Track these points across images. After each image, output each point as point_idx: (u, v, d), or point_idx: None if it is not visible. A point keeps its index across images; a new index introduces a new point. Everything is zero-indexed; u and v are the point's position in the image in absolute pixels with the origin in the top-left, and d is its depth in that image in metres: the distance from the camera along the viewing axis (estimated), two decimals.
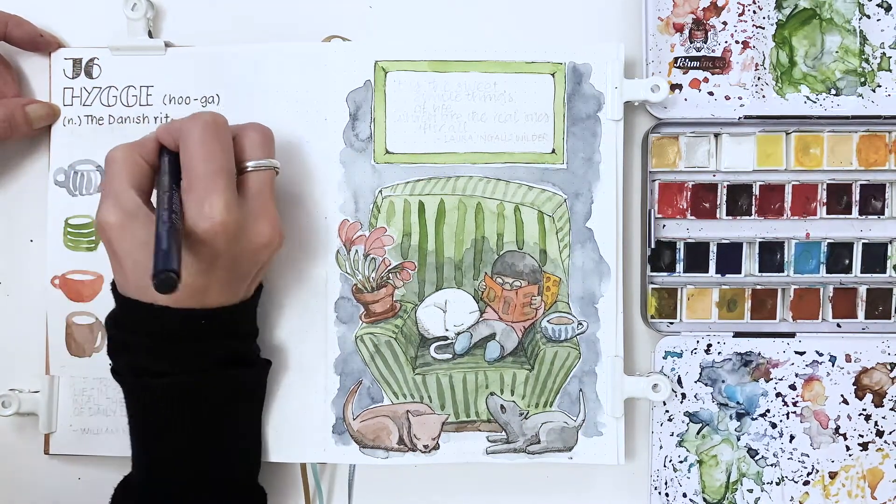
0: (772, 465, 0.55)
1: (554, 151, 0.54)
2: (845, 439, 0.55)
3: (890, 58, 0.55)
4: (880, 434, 0.55)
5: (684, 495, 0.55)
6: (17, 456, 0.56)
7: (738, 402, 0.55)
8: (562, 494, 0.56)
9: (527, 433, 0.53)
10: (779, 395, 0.55)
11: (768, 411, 0.55)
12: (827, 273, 0.55)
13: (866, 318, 0.55)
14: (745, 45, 0.55)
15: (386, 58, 0.53)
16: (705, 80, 0.55)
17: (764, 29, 0.55)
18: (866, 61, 0.55)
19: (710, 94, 0.55)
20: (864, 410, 0.55)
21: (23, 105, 0.52)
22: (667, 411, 0.55)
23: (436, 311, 0.53)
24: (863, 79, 0.55)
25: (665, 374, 0.54)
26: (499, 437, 0.53)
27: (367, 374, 0.53)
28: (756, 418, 0.55)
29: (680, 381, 0.55)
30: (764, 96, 0.55)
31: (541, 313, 0.54)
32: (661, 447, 0.55)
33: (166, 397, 0.46)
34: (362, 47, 0.54)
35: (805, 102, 0.55)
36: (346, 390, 0.53)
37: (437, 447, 0.53)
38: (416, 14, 0.56)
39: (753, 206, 0.54)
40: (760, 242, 0.55)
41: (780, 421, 0.55)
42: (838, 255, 0.55)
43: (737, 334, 0.55)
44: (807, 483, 0.55)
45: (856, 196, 0.54)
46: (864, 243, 0.54)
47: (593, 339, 0.53)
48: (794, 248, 0.55)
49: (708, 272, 0.55)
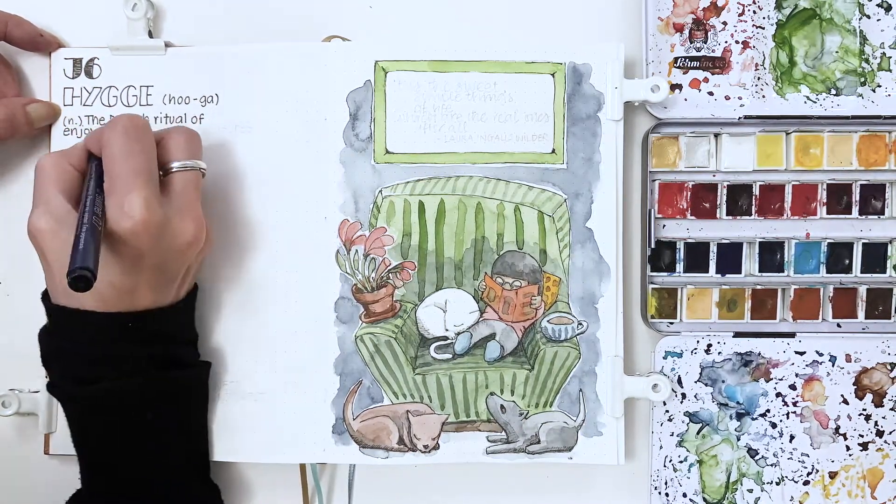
0: (772, 465, 0.55)
1: (554, 151, 0.54)
2: (845, 439, 0.55)
3: (890, 58, 0.55)
4: (880, 434, 0.55)
5: (684, 495, 0.55)
6: (17, 456, 0.56)
7: (738, 402, 0.55)
8: (562, 494, 0.56)
9: (527, 433, 0.53)
10: (779, 395, 0.55)
11: (768, 411, 0.55)
12: (827, 273, 0.55)
13: (866, 318, 0.55)
14: (745, 45, 0.55)
15: (386, 58, 0.53)
16: (705, 80, 0.55)
17: (764, 29, 0.55)
18: (866, 61, 0.55)
19: (710, 94, 0.55)
20: (864, 410, 0.55)
21: (23, 105, 0.52)
22: (667, 411, 0.55)
23: (436, 311, 0.53)
24: (863, 79, 0.55)
25: (665, 375, 0.54)
26: (499, 437, 0.53)
27: (367, 374, 0.53)
28: (756, 418, 0.55)
29: (680, 381, 0.55)
30: (764, 96, 0.55)
31: (541, 313, 0.54)
32: (661, 447, 0.55)
33: (101, 404, 0.47)
34: (362, 47, 0.54)
35: (805, 102, 0.55)
36: (345, 390, 0.53)
37: (437, 447, 0.53)
38: (416, 14, 0.56)
39: (753, 206, 0.54)
40: (760, 242, 0.55)
41: (781, 421, 0.55)
42: (838, 255, 0.55)
43: (737, 334, 0.55)
44: (807, 483, 0.55)
45: (856, 196, 0.54)
46: (864, 243, 0.54)
47: (593, 339, 0.53)
48: (795, 248, 0.55)
49: (708, 272, 0.55)
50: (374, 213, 0.53)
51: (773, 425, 0.55)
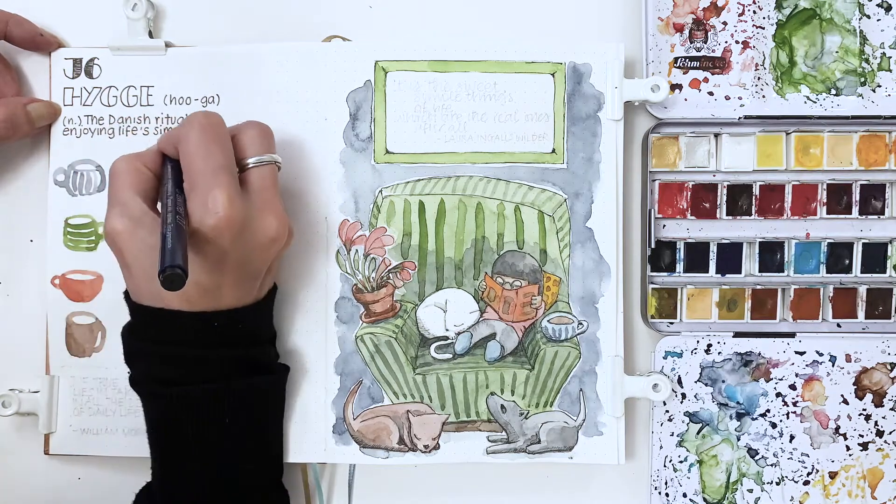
0: (772, 465, 0.55)
1: (554, 151, 0.54)
2: (845, 439, 0.55)
3: (890, 58, 0.55)
4: (880, 434, 0.55)
5: (684, 495, 0.55)
6: (17, 456, 0.56)
7: (738, 402, 0.55)
8: (562, 494, 0.56)
9: (527, 433, 0.53)
10: (779, 395, 0.55)
11: (768, 411, 0.55)
12: (827, 273, 0.55)
13: (866, 318, 0.55)
14: (745, 45, 0.55)
15: (386, 58, 0.53)
16: (705, 80, 0.55)
17: (764, 29, 0.55)
18: (866, 61, 0.55)
19: (710, 94, 0.55)
20: (865, 410, 0.55)
21: (24, 104, 0.52)
22: (667, 411, 0.55)
23: (436, 310, 0.53)
24: (863, 79, 0.55)
25: (665, 375, 0.54)
26: (499, 436, 0.53)
27: (368, 373, 0.53)
28: (756, 418, 0.55)
29: (680, 381, 0.55)
30: (764, 96, 0.55)
31: (541, 313, 0.54)
32: (662, 447, 0.55)
33: (182, 405, 0.46)
34: (362, 47, 0.54)
35: (805, 102, 0.55)
36: (346, 390, 0.53)
37: (437, 447, 0.53)
38: (416, 14, 0.56)
39: (753, 206, 0.54)
40: (760, 242, 0.55)
41: (781, 421, 0.55)
42: (838, 255, 0.55)
43: (737, 334, 0.55)
44: (807, 483, 0.55)
45: (856, 196, 0.54)
46: (864, 243, 0.54)
47: (593, 338, 0.53)
48: (794, 248, 0.55)
49: (708, 272, 0.55)
50: (375, 213, 0.53)
51: (774, 425, 0.55)
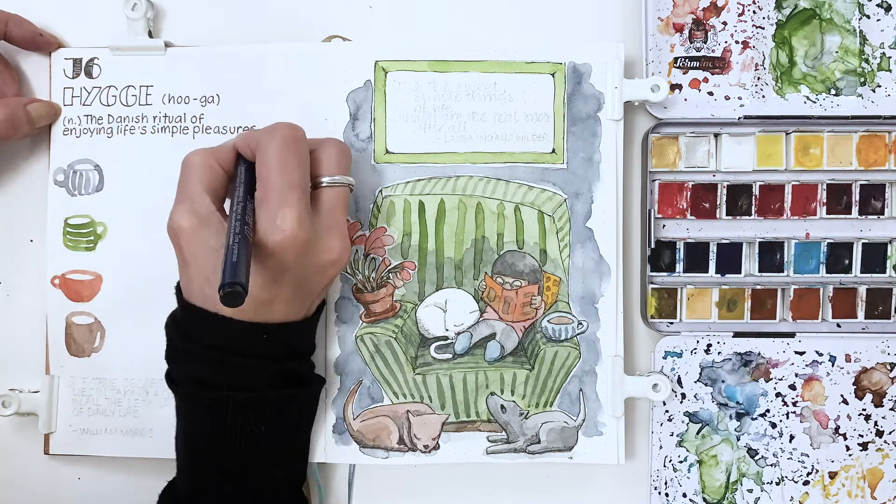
0: (772, 465, 0.55)
1: (554, 151, 0.54)
2: (845, 439, 0.55)
3: (890, 58, 0.55)
4: (880, 434, 0.55)
5: (684, 495, 0.55)
6: (17, 456, 0.56)
7: (737, 402, 0.55)
8: (562, 494, 0.56)
9: (527, 433, 0.53)
10: (778, 395, 0.55)
11: (768, 411, 0.55)
12: (827, 273, 0.55)
13: (866, 318, 0.55)
14: (745, 45, 0.55)
15: (386, 58, 0.53)
16: (705, 80, 0.55)
17: (764, 29, 0.55)
18: (866, 61, 0.55)
19: (710, 94, 0.55)
20: (864, 410, 0.55)
21: (24, 104, 0.52)
22: (666, 411, 0.55)
23: (436, 310, 0.53)
24: (862, 79, 0.55)
25: (665, 375, 0.54)
26: (499, 437, 0.53)
27: (368, 373, 0.53)
28: (756, 418, 0.55)
29: (680, 381, 0.55)
30: (764, 96, 0.55)
31: (541, 313, 0.54)
32: (661, 447, 0.55)
33: (218, 410, 0.46)
34: (362, 47, 0.54)
35: (805, 102, 0.55)
36: (346, 390, 0.53)
37: (437, 447, 0.53)
38: (416, 14, 0.56)
39: (753, 207, 0.54)
40: (760, 242, 0.55)
41: (780, 421, 0.55)
42: (838, 255, 0.55)
43: (736, 334, 0.55)
44: (807, 483, 0.55)
45: (855, 196, 0.54)
46: (863, 243, 0.54)
47: (593, 338, 0.53)
48: (794, 248, 0.55)
49: (708, 272, 0.55)
50: (374, 213, 0.53)
51: (773, 425, 0.55)
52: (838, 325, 0.55)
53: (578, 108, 0.53)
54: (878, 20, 0.55)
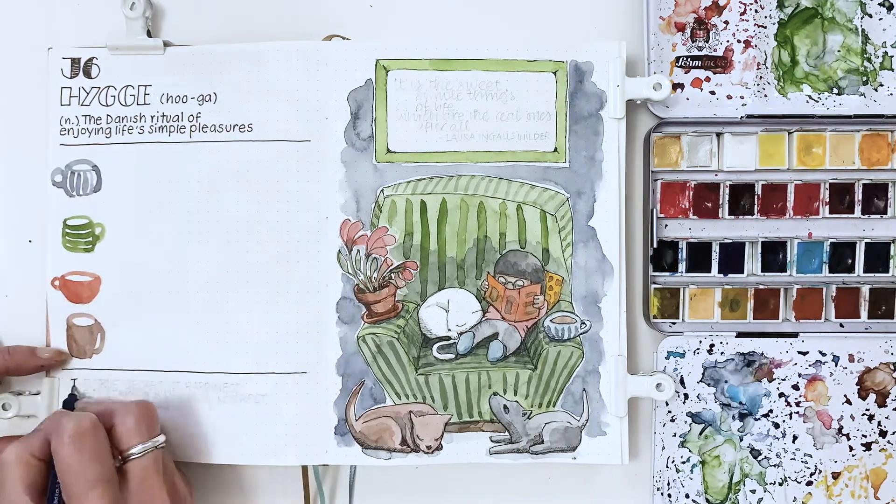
0: (775, 466, 0.55)
1: (556, 150, 0.53)
2: (848, 439, 0.55)
3: (892, 57, 0.55)
4: (883, 434, 0.55)
5: (687, 496, 0.55)
6: None
7: (740, 403, 0.55)
8: (565, 495, 0.56)
9: (530, 433, 0.53)
10: (782, 395, 0.55)
11: (771, 411, 0.55)
12: (830, 273, 0.54)
13: (869, 318, 0.55)
14: (747, 44, 0.55)
15: (387, 56, 0.53)
16: (707, 79, 0.55)
17: (766, 28, 0.55)
18: (868, 60, 0.55)
19: (712, 93, 0.55)
20: (868, 410, 0.55)
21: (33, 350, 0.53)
22: (669, 412, 0.55)
23: (438, 310, 0.53)
24: (865, 78, 0.55)
25: (668, 374, 0.54)
26: (502, 437, 0.53)
27: (370, 374, 0.53)
28: (759, 418, 0.55)
29: (682, 382, 0.55)
30: (766, 96, 0.55)
31: (543, 313, 0.53)
32: (664, 448, 0.55)
33: None
34: (363, 46, 0.54)
35: (807, 102, 0.55)
36: (348, 391, 0.53)
37: (439, 448, 0.53)
38: (417, 12, 0.56)
39: (756, 206, 0.54)
40: (763, 242, 0.55)
41: (783, 421, 0.55)
42: (841, 255, 0.55)
43: (739, 334, 0.55)
44: (810, 483, 0.55)
45: (858, 195, 0.54)
46: (866, 243, 0.54)
47: (596, 338, 0.53)
48: (797, 247, 0.54)
49: (710, 272, 0.55)
50: (376, 213, 0.53)
51: (776, 426, 0.55)
52: (841, 325, 0.55)
53: (580, 106, 0.53)
54: (880, 19, 0.55)
